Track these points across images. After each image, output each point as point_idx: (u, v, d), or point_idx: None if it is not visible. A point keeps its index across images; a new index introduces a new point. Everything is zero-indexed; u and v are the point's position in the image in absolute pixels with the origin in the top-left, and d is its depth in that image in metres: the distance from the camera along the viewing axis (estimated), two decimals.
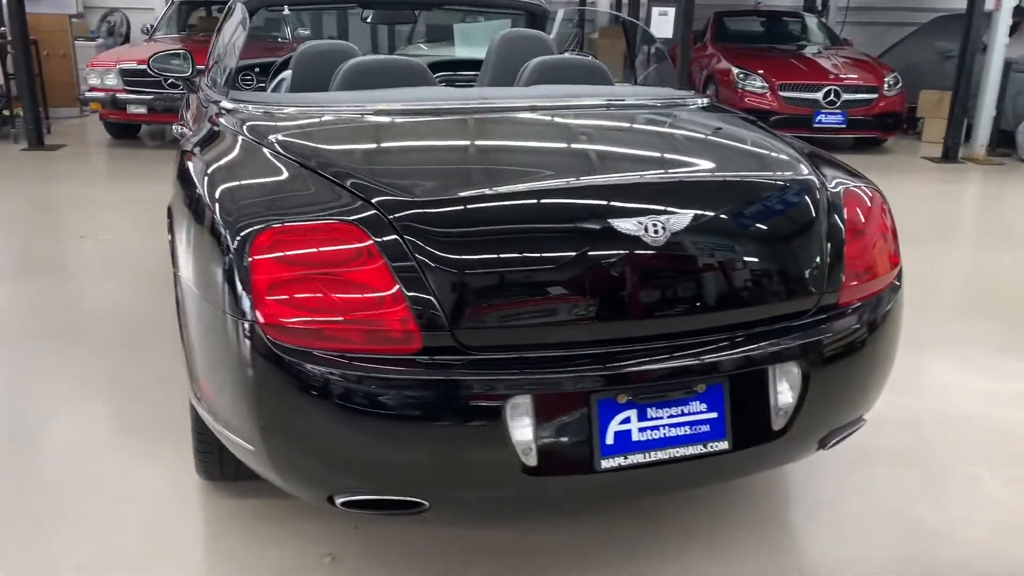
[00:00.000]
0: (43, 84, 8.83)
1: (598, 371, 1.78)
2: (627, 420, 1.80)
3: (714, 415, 1.86)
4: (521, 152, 2.28)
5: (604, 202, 1.88)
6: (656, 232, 1.78)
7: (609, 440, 1.79)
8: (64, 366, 3.34)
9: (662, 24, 7.61)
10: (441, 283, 1.72)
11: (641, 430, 1.81)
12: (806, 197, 2.03)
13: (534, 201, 1.91)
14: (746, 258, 1.93)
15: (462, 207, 1.85)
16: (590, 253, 1.81)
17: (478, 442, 1.74)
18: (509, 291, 1.79)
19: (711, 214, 1.90)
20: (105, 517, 2.37)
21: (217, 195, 1.96)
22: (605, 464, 1.79)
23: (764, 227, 1.97)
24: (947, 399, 3.19)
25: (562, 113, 2.43)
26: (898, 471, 2.68)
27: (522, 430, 1.73)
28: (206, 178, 2.08)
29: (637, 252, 1.79)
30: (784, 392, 1.91)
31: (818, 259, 1.98)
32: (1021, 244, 5.64)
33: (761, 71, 8.48)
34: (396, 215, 1.75)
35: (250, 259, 1.74)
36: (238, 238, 1.77)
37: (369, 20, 4.13)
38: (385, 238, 1.73)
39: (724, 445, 1.87)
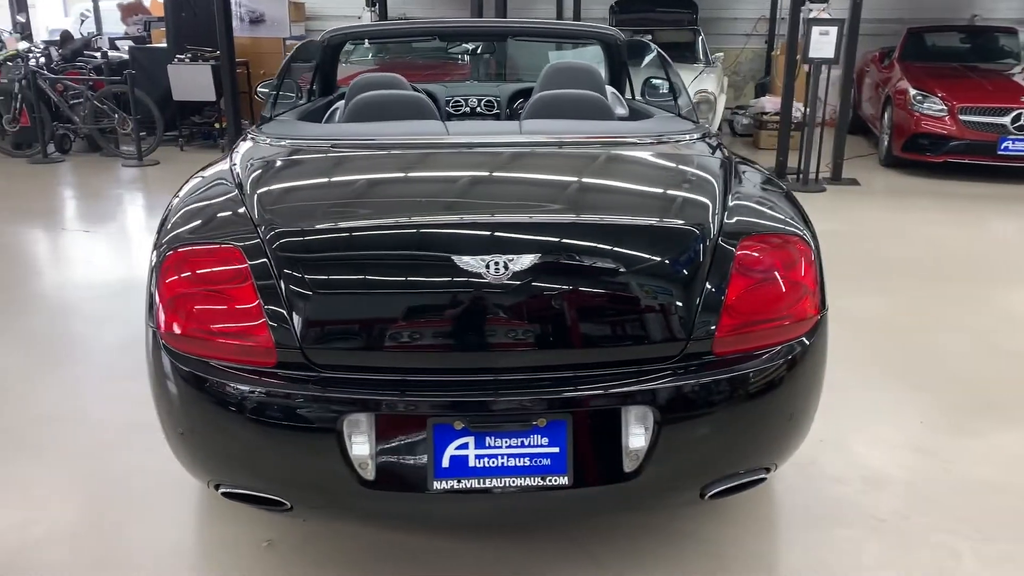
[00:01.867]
0: (251, 100, 9.94)
1: (435, 397, 1.90)
2: (464, 446, 1.91)
3: (555, 450, 1.91)
4: (416, 187, 2.38)
5: (452, 240, 1.98)
6: (498, 271, 1.87)
7: (445, 463, 1.90)
8: None
9: (822, 44, 7.26)
10: (296, 305, 1.92)
11: (478, 457, 1.91)
12: (683, 245, 2.01)
13: (391, 233, 2.06)
14: (599, 301, 1.95)
15: (323, 236, 2.04)
16: (433, 287, 1.94)
17: (318, 453, 1.91)
18: (356, 316, 1.95)
19: (563, 257, 1.95)
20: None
21: (166, 213, 2.28)
22: (438, 486, 1.90)
23: (624, 272, 1.97)
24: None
25: (498, 152, 2.49)
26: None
27: (360, 446, 1.89)
28: (174, 197, 2.41)
29: (478, 289, 1.89)
30: (637, 435, 1.92)
31: (685, 307, 1.96)
32: None
33: (941, 93, 7.83)
34: (271, 242, 1.97)
35: (158, 275, 2.04)
36: (155, 255, 2.08)
37: (450, 50, 4.39)
38: (256, 261, 1.96)
39: (563, 480, 1.91)
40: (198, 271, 2.00)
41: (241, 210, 2.13)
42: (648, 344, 1.96)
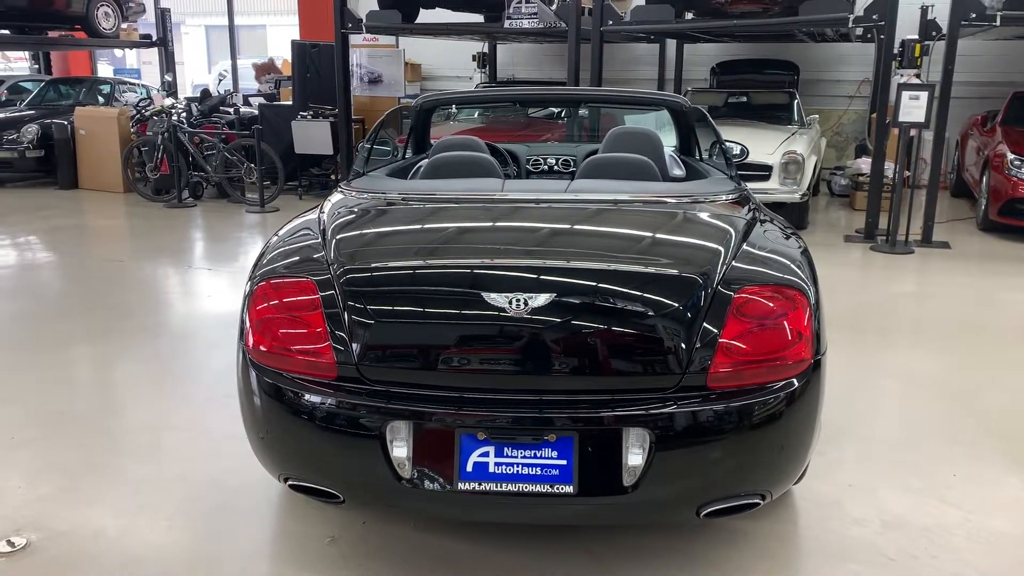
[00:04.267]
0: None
1: (462, 412, 2.26)
2: (486, 454, 2.26)
3: (564, 462, 2.24)
4: (460, 236, 2.75)
5: (482, 280, 2.37)
6: (519, 307, 2.24)
7: (469, 468, 2.26)
8: None
9: (912, 108, 7.35)
10: (354, 330, 2.33)
11: (497, 464, 2.26)
12: (684, 291, 2.32)
13: (431, 273, 2.48)
14: (605, 336, 2.28)
15: (378, 275, 2.47)
16: (464, 319, 2.33)
17: (365, 453, 2.30)
18: (401, 341, 2.35)
19: (574, 297, 2.31)
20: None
21: (262, 252, 2.76)
22: (463, 486, 2.25)
23: (628, 311, 2.30)
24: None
25: (539, 208, 2.88)
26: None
27: (399, 449, 2.27)
28: (272, 237, 2.89)
29: (501, 321, 2.26)
30: (635, 454, 2.23)
31: (682, 345, 2.26)
32: None
33: None
34: (339, 278, 2.41)
35: (249, 301, 2.50)
36: (248, 285, 2.54)
37: (531, 114, 4.81)
38: (326, 293, 2.39)
39: (569, 489, 2.24)
40: (282, 300, 2.45)
41: (320, 251, 2.57)
42: (647, 375, 2.28)
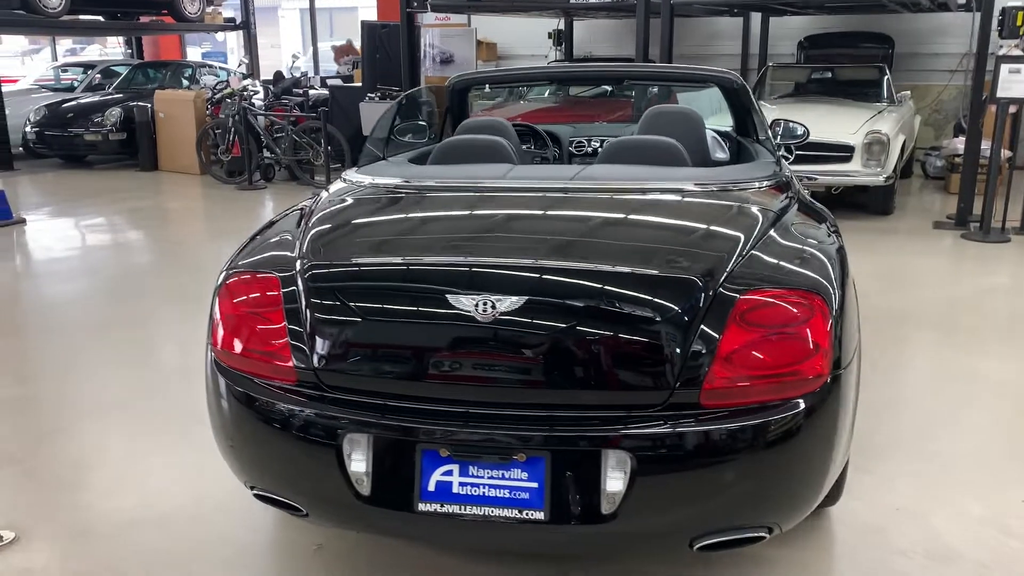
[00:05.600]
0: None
1: (424, 425, 2.03)
2: (449, 472, 2.03)
3: (534, 485, 1.99)
4: (437, 227, 2.52)
5: (448, 278, 2.11)
6: (486, 310, 1.99)
7: (431, 487, 2.03)
8: None
9: (1012, 83, 6.69)
10: (314, 331, 2.13)
11: (461, 484, 2.02)
12: (678, 295, 2.02)
13: (401, 270, 2.23)
14: (581, 345, 2.00)
15: (340, 271, 2.25)
16: (428, 322, 2.09)
17: (322, 466, 2.10)
18: (360, 345, 2.13)
19: (548, 299, 2.04)
20: None
21: (244, 241, 2.59)
22: (423, 507, 2.03)
23: (610, 318, 2.02)
24: None
25: (548, 198, 2.59)
26: None
27: (357, 463, 2.06)
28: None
29: (466, 326, 2.01)
30: (615, 479, 1.96)
31: (672, 357, 1.97)
32: None
33: None
34: (303, 274, 2.20)
35: (215, 295, 2.33)
36: (218, 277, 2.38)
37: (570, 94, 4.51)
38: (288, 290, 2.19)
39: (540, 515, 1.98)
40: (247, 296, 2.27)
41: (295, 244, 2.38)
42: (630, 391, 1.99)
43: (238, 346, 2.24)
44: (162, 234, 7.73)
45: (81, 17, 12.61)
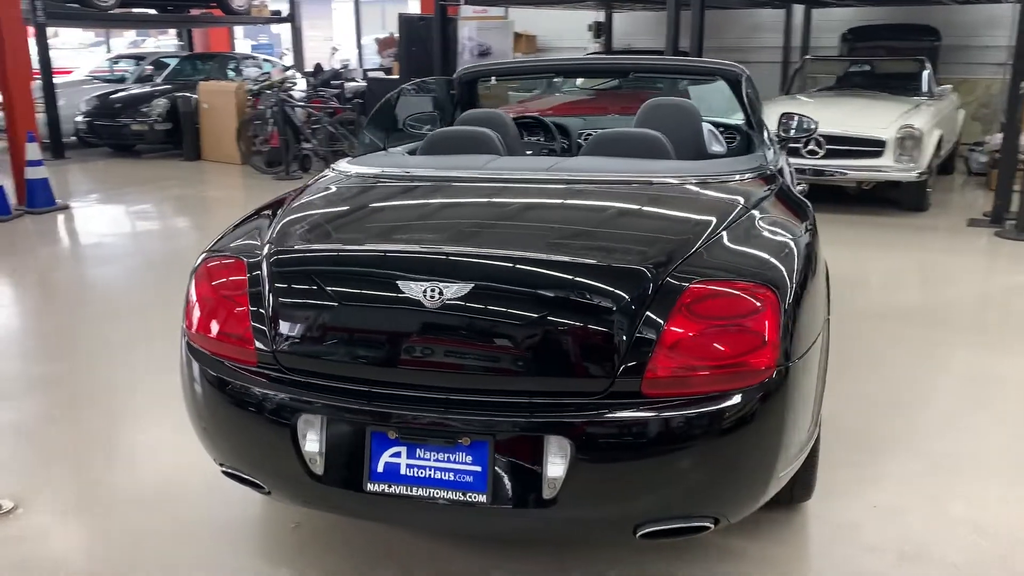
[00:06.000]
0: None
1: (373, 407, 2.09)
2: (397, 454, 2.08)
3: (478, 468, 2.03)
4: (397, 215, 2.59)
5: (398, 265, 2.17)
6: (433, 297, 2.04)
7: (379, 468, 2.09)
8: None
9: None
10: (274, 314, 2.20)
11: (409, 466, 2.08)
12: (621, 284, 2.05)
13: (354, 256, 2.30)
14: (526, 333, 2.04)
15: (299, 256, 2.33)
16: (378, 308, 2.17)
17: (278, 446, 2.17)
18: (315, 328, 2.19)
19: (498, 288, 2.08)
20: None
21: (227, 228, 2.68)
22: (371, 487, 2.09)
23: (554, 307, 2.05)
24: None
25: (522, 189, 2.62)
26: None
27: (311, 443, 2.13)
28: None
29: (414, 312, 2.06)
30: (556, 464, 1.99)
31: (615, 346, 2.00)
32: None
33: None
34: (268, 259, 2.28)
35: (190, 278, 2.42)
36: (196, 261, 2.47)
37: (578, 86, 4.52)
38: (253, 274, 2.27)
39: (482, 499, 2.03)
40: (217, 279, 2.35)
41: (267, 230, 2.46)
42: (571, 378, 2.03)
43: (209, 327, 2.33)
44: (201, 221, 7.95)
45: (133, 10, 12.98)
